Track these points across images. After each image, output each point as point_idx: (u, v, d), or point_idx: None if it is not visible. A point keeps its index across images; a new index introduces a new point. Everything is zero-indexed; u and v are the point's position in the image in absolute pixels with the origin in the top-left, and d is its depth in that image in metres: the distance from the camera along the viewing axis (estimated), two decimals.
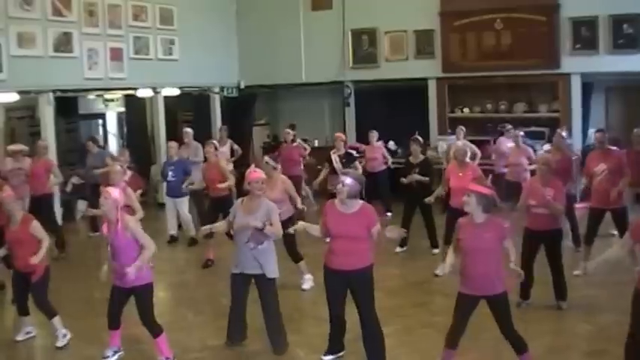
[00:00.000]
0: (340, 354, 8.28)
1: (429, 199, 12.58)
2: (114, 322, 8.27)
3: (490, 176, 14.37)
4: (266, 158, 11.51)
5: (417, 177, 12.86)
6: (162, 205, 15.86)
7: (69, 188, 15.43)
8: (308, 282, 11.25)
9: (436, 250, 13.05)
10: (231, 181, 12.97)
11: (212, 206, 12.92)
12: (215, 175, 12.86)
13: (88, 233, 15.51)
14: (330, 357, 8.25)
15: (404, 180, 13.06)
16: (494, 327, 7.46)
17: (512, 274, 7.34)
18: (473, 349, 7.94)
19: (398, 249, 13.41)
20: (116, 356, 8.43)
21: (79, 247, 14.49)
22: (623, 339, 7.09)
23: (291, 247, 11.09)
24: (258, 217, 8.31)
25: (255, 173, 8.71)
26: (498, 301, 7.23)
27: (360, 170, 14.15)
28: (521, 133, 15.26)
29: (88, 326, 9.41)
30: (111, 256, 7.95)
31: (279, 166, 11.56)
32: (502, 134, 16.18)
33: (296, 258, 11.25)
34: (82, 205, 16.65)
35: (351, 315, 8.00)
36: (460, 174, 11.50)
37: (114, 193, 7.86)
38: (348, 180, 7.62)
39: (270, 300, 8.47)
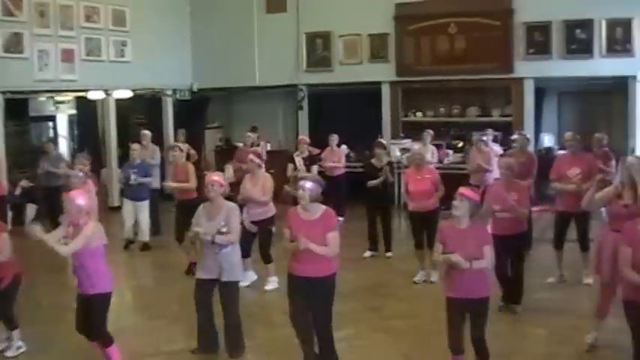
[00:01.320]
0: None
1: (372, 182, 12.68)
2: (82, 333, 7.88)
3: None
4: (250, 156, 11.44)
5: (390, 176, 12.83)
6: (114, 209, 15.45)
7: (18, 191, 14.97)
8: (272, 284, 11.05)
9: (390, 254, 12.98)
10: (192, 185, 12.55)
11: (181, 210, 12.46)
12: (183, 178, 12.53)
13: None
14: None
15: (371, 183, 12.82)
16: None
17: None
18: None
19: (367, 253, 13.19)
20: None
21: (28, 251, 13.97)
22: (574, 342, 7.07)
23: (265, 246, 11.03)
24: (219, 220, 8.06)
25: (213, 176, 8.42)
26: (481, 305, 7.11)
27: (316, 173, 13.92)
28: (490, 136, 15.22)
29: (37, 333, 9.08)
30: (74, 263, 7.58)
31: (262, 164, 11.53)
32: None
33: (267, 259, 11.10)
34: (30, 209, 16.16)
35: None
36: (418, 177, 11.41)
37: (78, 198, 7.49)
38: (308, 184, 7.42)
39: (232, 303, 8.24)
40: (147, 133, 15.86)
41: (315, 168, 14.64)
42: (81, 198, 7.51)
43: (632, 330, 6.68)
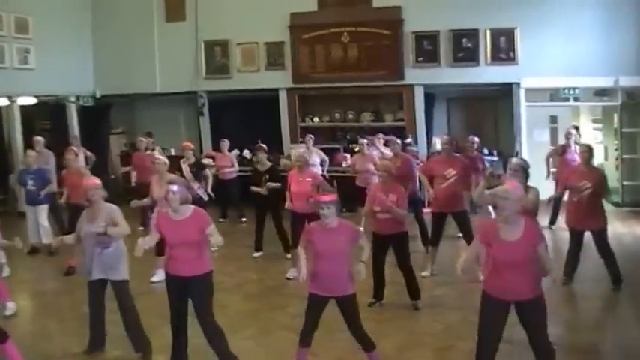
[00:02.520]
0: None
1: (257, 189, 12.91)
2: None
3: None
4: (158, 157, 11.86)
5: (271, 185, 12.89)
6: (23, 215, 15.39)
7: None
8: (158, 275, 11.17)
9: (289, 255, 12.94)
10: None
11: (73, 213, 12.34)
12: (77, 182, 12.43)
13: None
14: None
15: (254, 189, 13.01)
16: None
17: (356, 272, 7.36)
18: (330, 348, 7.97)
19: (255, 254, 13.39)
20: None
21: None
22: (469, 335, 7.27)
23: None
24: (100, 222, 8.09)
25: (90, 180, 8.51)
26: (348, 301, 7.30)
27: (210, 178, 14.15)
28: (381, 140, 15.63)
29: None
30: None
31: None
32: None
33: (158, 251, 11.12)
34: None
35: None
36: (300, 179, 11.72)
37: None
38: (175, 188, 7.53)
39: (125, 302, 8.27)
40: (39, 139, 15.75)
41: (208, 172, 14.71)
42: None
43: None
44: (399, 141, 14.03)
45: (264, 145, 13.90)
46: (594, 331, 9.30)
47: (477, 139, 14.01)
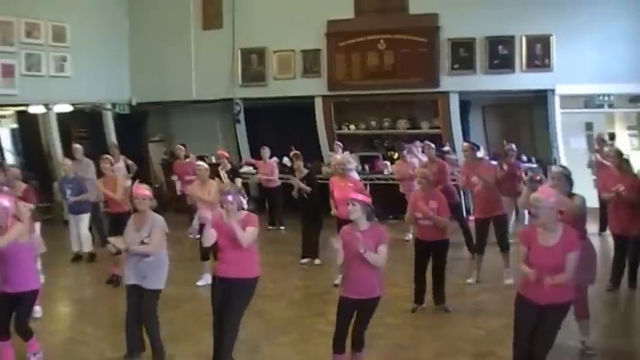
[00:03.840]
0: None
1: (294, 193, 13.04)
2: (3, 331, 7.74)
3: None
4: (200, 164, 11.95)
5: (300, 184, 12.96)
6: (67, 223, 15.29)
7: None
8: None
9: (318, 261, 13.10)
10: (118, 195, 12.42)
11: (111, 223, 12.46)
12: (111, 190, 12.44)
13: None
14: None
15: (294, 194, 13.10)
16: (388, 334, 7.68)
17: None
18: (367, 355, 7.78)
19: (303, 260, 13.26)
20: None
21: None
22: (508, 341, 7.17)
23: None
24: (145, 231, 8.05)
25: (138, 189, 8.43)
26: (371, 305, 7.21)
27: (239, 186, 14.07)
28: (419, 147, 15.50)
29: None
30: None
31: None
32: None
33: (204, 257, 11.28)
34: None
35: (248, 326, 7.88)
36: (342, 185, 11.57)
37: (4, 201, 7.49)
38: (230, 197, 7.46)
39: (149, 311, 8.17)
40: (78, 147, 15.66)
41: (239, 180, 14.66)
42: (6, 200, 7.54)
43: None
44: (433, 145, 13.96)
45: (299, 153, 13.97)
46: (632, 336, 9.15)
47: (514, 146, 13.93)
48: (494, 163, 12.95)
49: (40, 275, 8.69)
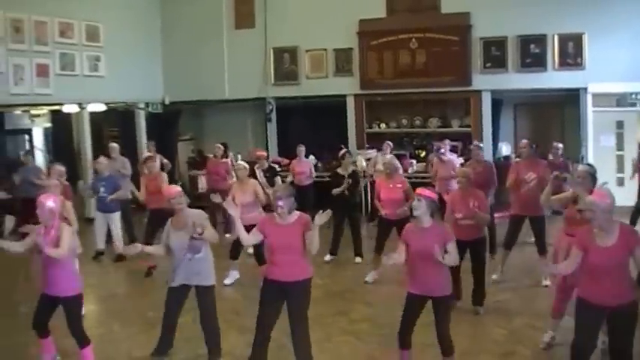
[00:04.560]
0: None
1: (336, 190, 13.00)
2: (41, 330, 7.82)
3: None
4: (241, 164, 12.01)
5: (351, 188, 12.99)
6: (89, 220, 15.31)
7: None
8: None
9: (359, 259, 12.99)
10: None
11: (152, 218, 12.53)
12: (157, 187, 12.39)
13: None
14: None
15: (336, 191, 13.01)
16: (420, 332, 7.41)
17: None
18: (395, 352, 7.69)
19: (327, 257, 13.17)
20: None
21: (6, 262, 13.87)
22: (531, 340, 7.12)
23: (258, 250, 11.18)
24: (189, 228, 7.97)
25: (171, 189, 8.44)
26: (443, 303, 7.16)
27: (289, 186, 14.09)
28: (447, 147, 15.41)
29: (15, 343, 8.94)
30: (42, 264, 7.52)
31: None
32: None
33: (260, 261, 11.15)
34: (9, 221, 15.98)
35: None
36: (390, 186, 11.59)
37: (48, 201, 7.46)
38: (281, 202, 7.36)
39: (209, 306, 8.19)
40: (114, 145, 15.70)
41: (279, 179, 14.63)
42: (51, 201, 7.49)
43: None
44: (481, 145, 13.77)
45: (348, 150, 13.94)
46: None
47: (561, 145, 13.86)
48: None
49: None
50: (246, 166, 11.90)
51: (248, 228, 7.87)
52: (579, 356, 6.61)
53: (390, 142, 16.60)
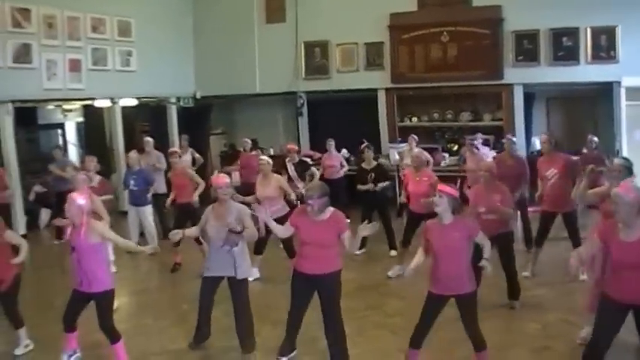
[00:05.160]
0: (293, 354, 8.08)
1: (361, 187, 12.88)
2: (69, 325, 7.84)
3: None
4: (263, 158, 12.06)
5: (382, 185, 12.79)
6: (123, 213, 15.32)
7: (32, 197, 14.89)
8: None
9: (394, 252, 12.81)
10: (202, 187, 12.63)
11: (179, 212, 12.57)
12: (182, 182, 12.56)
13: (52, 241, 14.79)
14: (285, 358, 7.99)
15: (362, 187, 12.88)
16: (447, 327, 7.46)
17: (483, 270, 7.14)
18: (425, 349, 7.55)
19: (357, 251, 13.03)
20: (72, 359, 8.06)
21: (43, 255, 13.94)
22: (565, 335, 7.11)
23: (288, 243, 11.23)
24: (230, 221, 8.04)
25: (220, 179, 8.43)
26: (467, 300, 7.03)
27: (318, 175, 14.32)
28: (480, 140, 15.27)
29: (48, 334, 8.87)
30: (74, 261, 7.50)
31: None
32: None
33: (290, 254, 11.18)
34: (45, 214, 16.07)
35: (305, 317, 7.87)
36: (417, 179, 11.55)
37: (78, 198, 7.43)
38: (311, 201, 7.37)
39: (243, 299, 8.25)
40: (149, 139, 15.71)
41: (315, 170, 14.55)
42: (81, 198, 7.47)
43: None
44: (514, 139, 13.58)
45: (369, 144, 13.74)
46: None
47: (596, 139, 13.69)
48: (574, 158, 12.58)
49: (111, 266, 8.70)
50: (270, 161, 11.88)
51: None
52: (592, 355, 6.47)
53: (415, 136, 16.35)
